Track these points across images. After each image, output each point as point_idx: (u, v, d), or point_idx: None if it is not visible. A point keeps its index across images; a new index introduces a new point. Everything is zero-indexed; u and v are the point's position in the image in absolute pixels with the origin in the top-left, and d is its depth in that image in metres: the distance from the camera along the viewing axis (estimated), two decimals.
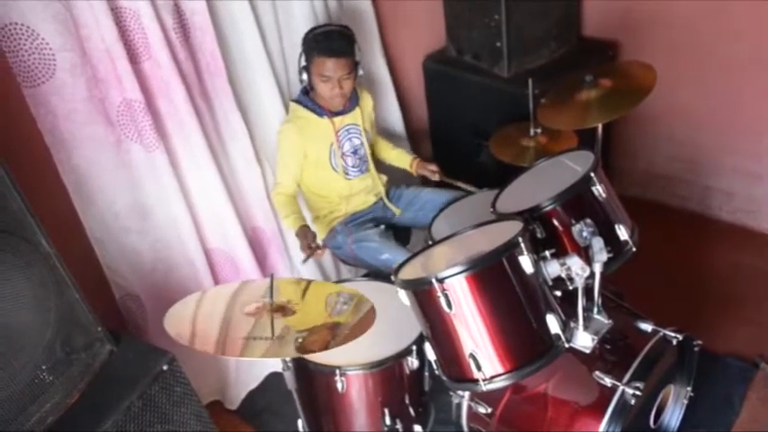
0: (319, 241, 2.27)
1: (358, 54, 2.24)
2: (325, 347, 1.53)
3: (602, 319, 1.75)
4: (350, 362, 1.79)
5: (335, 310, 1.70)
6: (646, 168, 3.14)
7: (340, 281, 2.33)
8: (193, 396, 1.90)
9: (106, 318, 1.82)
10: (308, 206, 2.52)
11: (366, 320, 1.63)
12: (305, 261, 2.14)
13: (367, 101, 2.46)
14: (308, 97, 2.32)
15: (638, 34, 2.79)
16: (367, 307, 1.67)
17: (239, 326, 1.62)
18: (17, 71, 1.80)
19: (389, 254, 2.27)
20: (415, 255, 1.83)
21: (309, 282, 1.91)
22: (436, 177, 2.51)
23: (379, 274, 2.26)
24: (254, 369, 2.62)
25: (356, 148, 2.41)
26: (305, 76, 2.24)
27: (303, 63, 2.23)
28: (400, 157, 2.61)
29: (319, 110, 2.30)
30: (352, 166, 2.42)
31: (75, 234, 2.05)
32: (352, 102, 2.36)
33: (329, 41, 2.17)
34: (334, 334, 1.59)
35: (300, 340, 1.55)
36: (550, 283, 1.64)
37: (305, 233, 2.19)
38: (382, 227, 2.41)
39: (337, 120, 2.33)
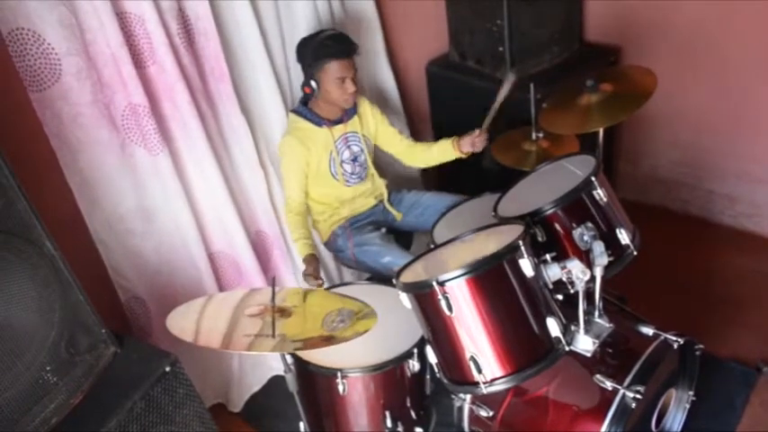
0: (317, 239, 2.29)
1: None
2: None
3: (603, 323, 1.76)
4: (351, 364, 1.80)
5: (331, 327, 1.69)
6: (648, 172, 3.14)
7: (342, 284, 2.33)
8: (196, 397, 1.92)
9: (110, 319, 1.83)
10: (310, 211, 2.53)
11: (359, 334, 1.62)
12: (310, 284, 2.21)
13: (365, 107, 2.48)
14: (306, 108, 2.35)
15: (640, 39, 2.80)
16: (365, 326, 1.64)
17: (245, 326, 1.63)
18: (23, 75, 1.82)
19: (391, 257, 2.28)
20: (416, 258, 1.84)
21: (316, 292, 1.91)
22: (482, 141, 2.37)
23: (382, 277, 2.27)
24: (257, 372, 2.63)
25: (356, 156, 2.43)
26: (314, 85, 2.25)
27: (311, 72, 2.24)
28: (442, 151, 2.49)
29: (318, 120, 2.33)
30: (352, 174, 2.44)
31: (80, 236, 2.07)
32: (350, 110, 2.39)
33: (341, 44, 2.22)
34: (328, 344, 1.60)
35: (299, 347, 1.58)
36: (551, 287, 1.64)
37: (310, 261, 2.24)
38: (383, 230, 2.43)
39: (336, 128, 2.36)
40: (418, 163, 2.59)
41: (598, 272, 1.65)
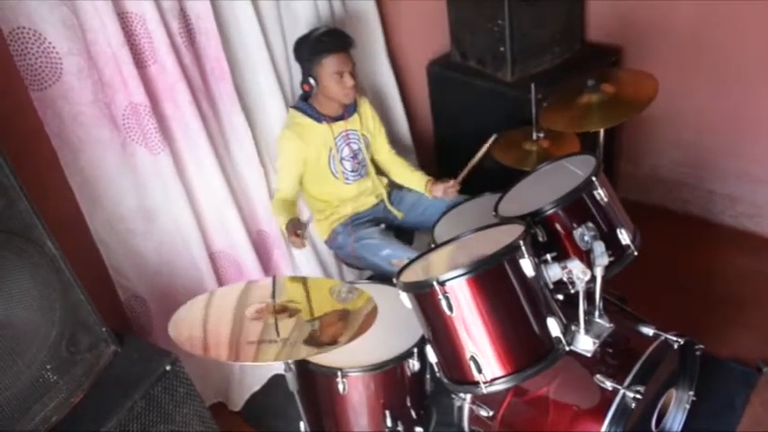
0: (318, 236, 2.30)
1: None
2: (335, 341, 1.55)
3: (603, 323, 1.76)
4: (351, 364, 1.80)
5: (342, 298, 1.71)
6: (649, 172, 3.14)
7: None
8: (196, 396, 1.92)
9: (110, 318, 1.84)
10: (310, 209, 2.54)
11: (371, 315, 1.64)
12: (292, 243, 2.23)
13: (365, 107, 2.49)
14: (306, 104, 2.35)
15: (641, 39, 2.79)
16: (370, 302, 1.68)
17: (249, 330, 1.63)
18: (25, 74, 1.82)
19: (390, 249, 2.29)
20: (416, 257, 1.85)
21: (313, 279, 1.91)
22: (452, 192, 2.42)
23: (382, 276, 2.27)
24: (257, 371, 2.63)
25: (355, 153, 2.44)
26: (312, 81, 2.26)
27: (309, 69, 2.25)
28: (418, 181, 2.54)
29: (318, 116, 2.33)
30: (351, 171, 2.44)
31: (81, 235, 2.07)
32: (351, 108, 2.39)
33: (335, 38, 2.24)
34: (345, 324, 1.61)
35: (315, 329, 1.58)
36: (551, 287, 1.64)
37: (292, 223, 2.25)
38: (382, 225, 2.44)
39: (336, 125, 2.36)
40: (391, 175, 2.62)
41: (599, 272, 1.64)
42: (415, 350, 1.84)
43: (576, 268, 1.60)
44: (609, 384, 1.69)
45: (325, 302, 1.74)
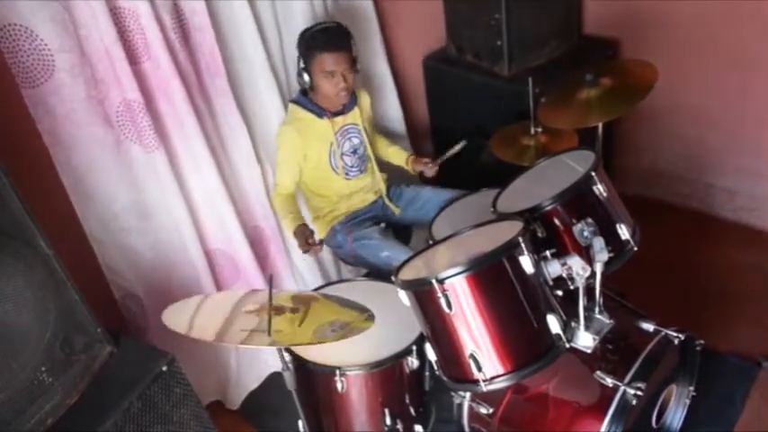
0: (317, 238, 2.28)
1: (355, 48, 2.24)
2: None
3: (603, 319, 1.74)
4: (350, 362, 1.78)
5: (320, 335, 1.65)
6: (648, 167, 3.13)
7: (341, 280, 2.32)
8: (193, 397, 1.91)
9: (106, 318, 1.82)
10: (308, 206, 2.52)
11: (366, 325, 1.63)
12: (305, 251, 2.19)
13: (365, 99, 2.46)
14: (306, 98, 2.32)
15: (639, 32, 2.78)
16: (354, 333, 1.62)
17: (241, 322, 1.62)
18: (16, 72, 1.80)
19: (389, 251, 2.27)
20: (415, 255, 1.83)
21: (313, 299, 1.85)
22: (431, 170, 2.50)
23: (380, 273, 2.25)
24: (255, 369, 2.62)
25: (356, 148, 2.41)
26: (306, 78, 2.23)
27: (303, 64, 2.22)
28: (396, 155, 2.62)
29: (319, 110, 2.30)
30: (352, 166, 2.42)
31: (75, 235, 2.05)
32: (351, 101, 2.37)
33: (329, 36, 2.18)
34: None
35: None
36: (551, 283, 1.63)
37: (302, 231, 2.21)
38: (382, 225, 2.42)
39: (337, 120, 2.33)
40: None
41: (598, 268, 1.63)
42: (414, 348, 1.82)
43: (576, 264, 1.58)
44: (609, 381, 1.69)
45: (305, 335, 1.64)
